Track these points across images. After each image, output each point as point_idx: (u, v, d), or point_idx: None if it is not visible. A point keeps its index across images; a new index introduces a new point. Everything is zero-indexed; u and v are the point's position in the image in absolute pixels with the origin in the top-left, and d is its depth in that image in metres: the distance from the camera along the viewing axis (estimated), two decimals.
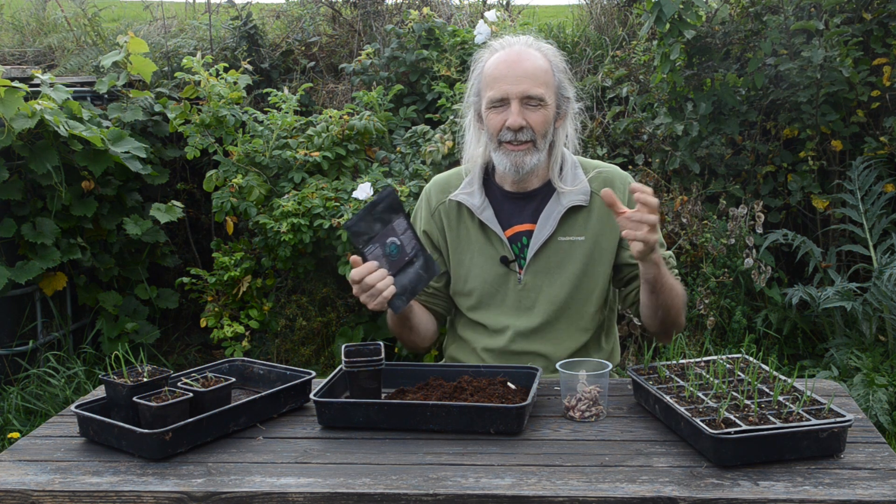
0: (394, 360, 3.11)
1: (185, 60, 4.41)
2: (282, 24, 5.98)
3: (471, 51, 4.71)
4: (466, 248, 2.25)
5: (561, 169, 2.22)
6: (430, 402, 1.76)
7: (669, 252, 2.27)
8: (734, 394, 1.72)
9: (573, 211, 2.20)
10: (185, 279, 4.44)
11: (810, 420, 1.59)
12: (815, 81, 4.16)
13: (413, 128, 4.42)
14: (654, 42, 4.51)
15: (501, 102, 2.12)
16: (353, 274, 1.96)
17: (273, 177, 4.35)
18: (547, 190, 2.23)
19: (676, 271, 2.24)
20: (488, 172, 2.28)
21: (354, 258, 1.98)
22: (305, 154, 4.27)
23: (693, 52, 4.32)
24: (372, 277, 1.94)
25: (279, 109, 4.42)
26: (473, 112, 2.25)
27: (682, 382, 1.81)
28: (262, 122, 4.44)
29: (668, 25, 3.99)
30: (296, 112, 4.52)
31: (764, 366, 1.89)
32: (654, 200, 1.87)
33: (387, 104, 4.65)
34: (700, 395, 1.73)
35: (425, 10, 4.97)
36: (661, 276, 2.02)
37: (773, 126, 4.44)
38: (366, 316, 4.50)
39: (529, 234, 2.20)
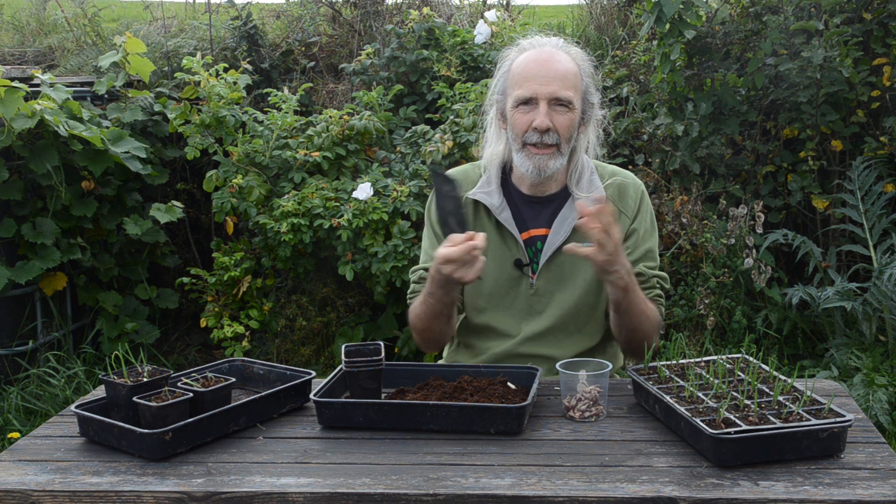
0: (394, 360, 3.11)
1: (184, 61, 4.41)
2: (282, 24, 5.98)
3: (471, 51, 4.71)
4: None
5: (580, 176, 2.19)
6: (430, 402, 1.76)
7: (664, 274, 2.23)
8: (734, 394, 1.72)
9: None
10: (185, 279, 4.44)
11: (810, 420, 1.59)
12: (815, 81, 4.16)
13: (413, 128, 4.42)
14: (654, 42, 4.51)
15: (529, 102, 2.09)
16: (449, 253, 1.89)
17: (273, 177, 4.36)
18: (563, 195, 2.20)
19: (659, 292, 2.21)
20: (505, 172, 2.25)
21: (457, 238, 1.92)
22: (305, 154, 4.27)
23: (693, 52, 4.32)
24: (468, 246, 1.89)
25: (279, 109, 4.42)
26: (496, 110, 2.21)
27: (682, 382, 1.81)
28: (262, 122, 4.44)
29: (668, 25, 3.99)
30: (296, 112, 4.52)
31: (764, 366, 1.88)
32: (606, 223, 1.88)
33: (387, 104, 4.65)
34: (700, 395, 1.73)
35: (425, 10, 4.97)
36: (627, 300, 2.04)
37: (773, 126, 4.44)
38: (366, 316, 4.50)
39: (544, 238, 2.18)
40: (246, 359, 2.12)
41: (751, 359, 1.92)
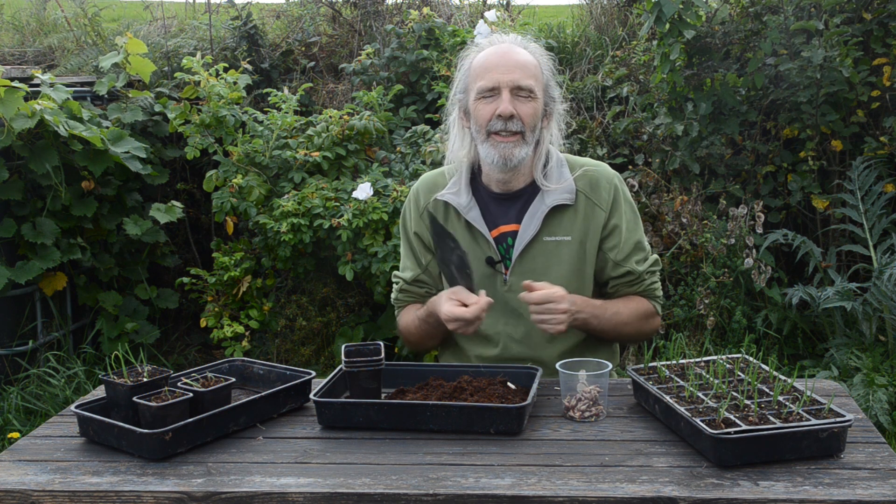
0: (394, 360, 3.11)
1: (184, 61, 4.41)
2: (282, 24, 5.98)
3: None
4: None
5: (545, 165, 2.19)
6: (430, 402, 1.76)
7: (654, 257, 2.23)
8: (734, 394, 1.72)
9: (558, 210, 2.16)
10: (185, 279, 4.44)
11: (810, 420, 1.59)
12: (815, 81, 4.16)
13: (413, 128, 4.42)
14: (654, 42, 4.51)
15: (492, 92, 2.10)
16: (459, 314, 1.99)
17: (273, 177, 4.36)
18: (532, 190, 2.19)
19: (653, 281, 2.22)
20: (474, 173, 2.25)
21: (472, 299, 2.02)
22: (305, 154, 4.27)
23: (693, 52, 4.32)
24: (477, 310, 1.99)
25: (279, 109, 4.42)
26: (459, 110, 2.21)
27: (682, 382, 1.81)
28: (262, 122, 4.44)
29: (668, 25, 3.99)
30: (296, 112, 4.52)
31: (764, 366, 1.89)
32: (543, 295, 1.99)
33: (387, 104, 4.65)
34: (700, 395, 1.73)
35: (425, 10, 4.97)
36: (592, 329, 2.14)
37: (773, 126, 4.44)
38: (366, 316, 4.50)
39: (515, 234, 2.17)
40: (246, 359, 2.13)
41: (751, 359, 1.92)
